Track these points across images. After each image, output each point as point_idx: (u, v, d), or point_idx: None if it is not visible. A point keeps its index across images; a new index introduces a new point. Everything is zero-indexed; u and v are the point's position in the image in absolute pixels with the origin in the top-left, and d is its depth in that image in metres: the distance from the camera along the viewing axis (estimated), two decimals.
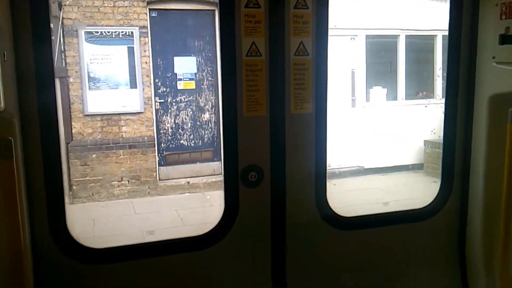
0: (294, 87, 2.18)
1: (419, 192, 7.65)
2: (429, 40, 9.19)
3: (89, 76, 7.18)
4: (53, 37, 9.92)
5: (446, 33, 2.37)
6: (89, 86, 7.19)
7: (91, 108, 7.23)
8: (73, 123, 7.21)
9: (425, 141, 8.78)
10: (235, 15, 2.04)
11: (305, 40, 2.17)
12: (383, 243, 2.48)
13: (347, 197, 7.43)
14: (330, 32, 8.49)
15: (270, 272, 2.27)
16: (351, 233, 2.41)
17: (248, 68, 2.09)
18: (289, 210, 2.25)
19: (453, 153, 2.45)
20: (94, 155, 7.25)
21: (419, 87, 9.39)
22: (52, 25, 9.56)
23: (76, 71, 7.15)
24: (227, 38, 2.07)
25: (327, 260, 2.39)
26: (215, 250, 2.17)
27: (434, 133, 8.73)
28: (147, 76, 7.45)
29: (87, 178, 7.24)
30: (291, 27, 2.14)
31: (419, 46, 9.28)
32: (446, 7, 2.30)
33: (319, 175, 2.31)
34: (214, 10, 7.85)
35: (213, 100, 8.00)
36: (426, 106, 8.76)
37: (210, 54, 7.91)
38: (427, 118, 8.81)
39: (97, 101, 7.24)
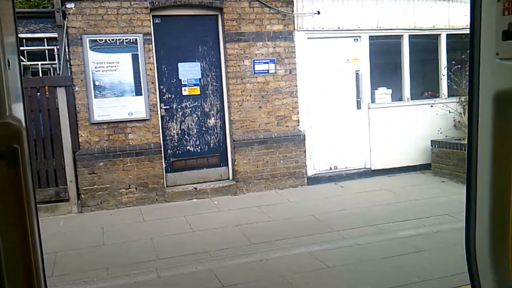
0: None
1: (428, 192, 7.63)
2: (433, 39, 9.16)
3: (94, 85, 7.22)
4: (58, 47, 10.00)
5: (450, 32, 2.35)
6: (95, 95, 7.23)
7: (97, 117, 7.26)
8: (79, 132, 7.24)
9: (432, 141, 8.75)
10: None
11: None
12: None
13: (355, 199, 7.42)
14: (333, 34, 8.51)
15: None
16: None
17: None
18: None
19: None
20: (101, 163, 7.28)
21: (425, 86, 9.37)
22: (57, 35, 9.64)
23: (82, 80, 7.19)
24: None
25: None
26: None
27: (441, 133, 8.70)
28: (152, 83, 7.48)
29: (95, 186, 7.27)
30: None
31: (423, 46, 9.26)
32: (450, 6, 2.28)
33: None
34: (217, 15, 7.88)
35: (218, 105, 8.02)
36: (431, 106, 8.73)
37: (214, 59, 7.94)
38: (433, 118, 8.78)
39: (103, 109, 7.28)
